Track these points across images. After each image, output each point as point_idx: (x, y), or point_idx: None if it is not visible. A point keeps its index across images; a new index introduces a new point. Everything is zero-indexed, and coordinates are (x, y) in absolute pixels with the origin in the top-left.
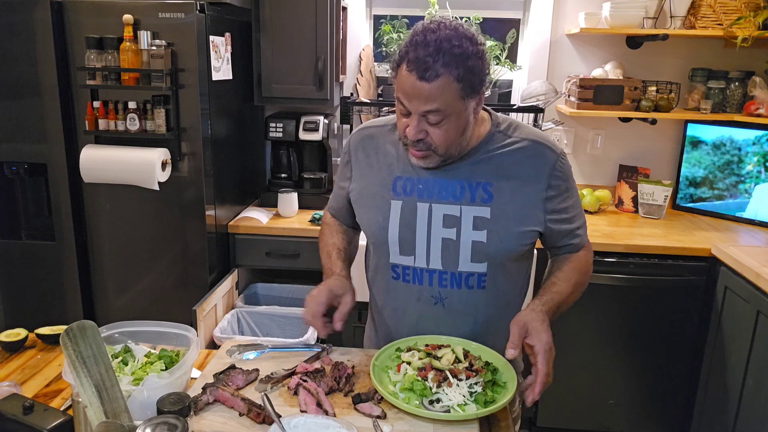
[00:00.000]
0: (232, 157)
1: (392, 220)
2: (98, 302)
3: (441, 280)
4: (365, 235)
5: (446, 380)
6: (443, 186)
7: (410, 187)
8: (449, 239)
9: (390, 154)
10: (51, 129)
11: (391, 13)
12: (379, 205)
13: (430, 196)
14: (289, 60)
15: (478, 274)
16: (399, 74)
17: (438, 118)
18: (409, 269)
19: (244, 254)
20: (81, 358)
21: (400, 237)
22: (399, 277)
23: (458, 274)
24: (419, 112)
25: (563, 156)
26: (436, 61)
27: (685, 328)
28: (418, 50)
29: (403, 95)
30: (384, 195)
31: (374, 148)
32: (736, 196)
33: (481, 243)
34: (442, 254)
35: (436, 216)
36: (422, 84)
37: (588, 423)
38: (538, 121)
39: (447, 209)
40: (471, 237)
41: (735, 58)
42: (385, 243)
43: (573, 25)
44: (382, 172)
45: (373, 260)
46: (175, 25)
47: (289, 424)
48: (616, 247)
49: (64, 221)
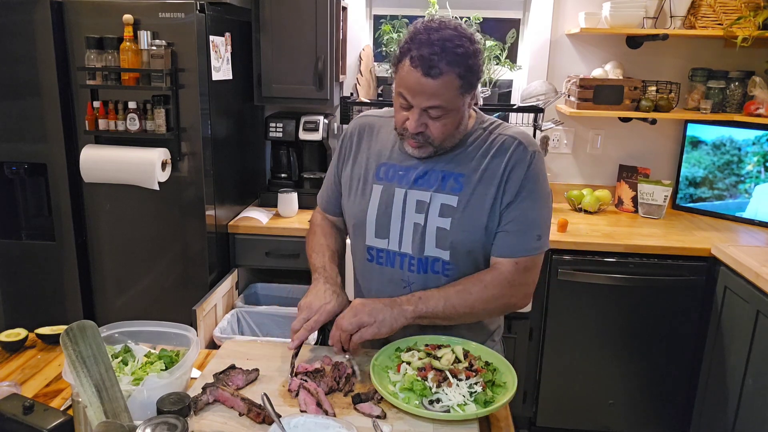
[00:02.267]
0: (232, 157)
1: (371, 203)
2: (98, 302)
3: (410, 265)
4: (346, 217)
5: (446, 380)
6: (422, 174)
7: (392, 173)
8: (418, 224)
9: (383, 141)
10: (51, 129)
11: (391, 13)
12: (362, 188)
13: (408, 183)
14: (289, 60)
15: (442, 260)
16: (401, 70)
17: (439, 113)
18: (383, 252)
19: (244, 254)
20: (81, 358)
21: (377, 220)
22: (373, 259)
23: (424, 258)
24: (421, 107)
25: (534, 155)
26: (441, 59)
27: (685, 328)
28: (422, 48)
29: (406, 90)
30: (368, 179)
31: (369, 136)
32: (736, 196)
33: (444, 230)
34: (413, 239)
35: (410, 201)
36: (427, 80)
37: (588, 423)
38: (538, 121)
39: (419, 195)
40: (436, 223)
41: (735, 58)
42: (363, 225)
43: (573, 25)
44: (371, 158)
45: (352, 243)
46: (175, 25)
47: (289, 424)
48: (616, 247)
49: (64, 221)
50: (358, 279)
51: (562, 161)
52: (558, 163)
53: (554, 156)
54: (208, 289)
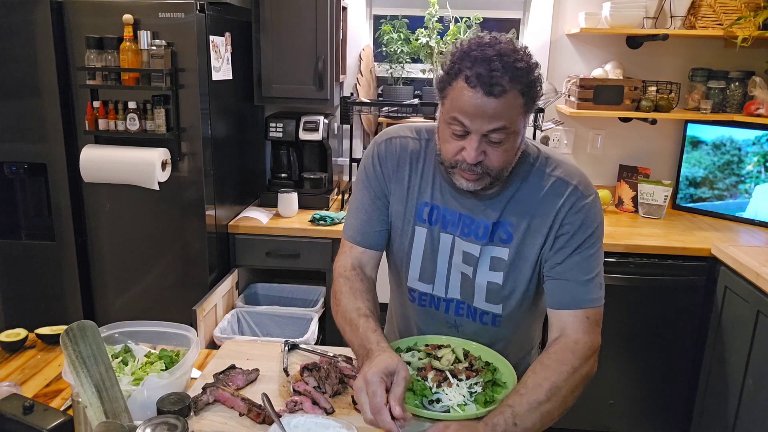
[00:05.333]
0: (232, 157)
1: (416, 247)
2: (98, 302)
3: (458, 309)
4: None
5: (446, 380)
6: (467, 222)
7: (436, 216)
8: (466, 275)
9: (424, 174)
10: (51, 129)
11: (391, 13)
12: (404, 229)
13: (455, 230)
14: (289, 60)
15: (492, 314)
16: (453, 93)
17: (501, 136)
18: (426, 296)
19: (244, 254)
20: (81, 358)
21: (422, 264)
22: (415, 300)
23: (473, 308)
24: (482, 132)
25: (589, 199)
26: (504, 76)
27: (685, 328)
28: (478, 65)
29: (462, 114)
30: (409, 218)
31: (403, 164)
32: (736, 196)
33: (496, 284)
34: (461, 287)
35: (457, 250)
36: (489, 100)
37: (588, 423)
38: (538, 121)
39: (467, 247)
40: (487, 278)
41: (735, 58)
42: (405, 267)
43: (573, 25)
44: (411, 193)
45: (392, 277)
46: (175, 25)
47: (289, 424)
48: (616, 247)
49: (64, 221)
50: (397, 307)
51: None
52: None
53: None
54: (208, 289)
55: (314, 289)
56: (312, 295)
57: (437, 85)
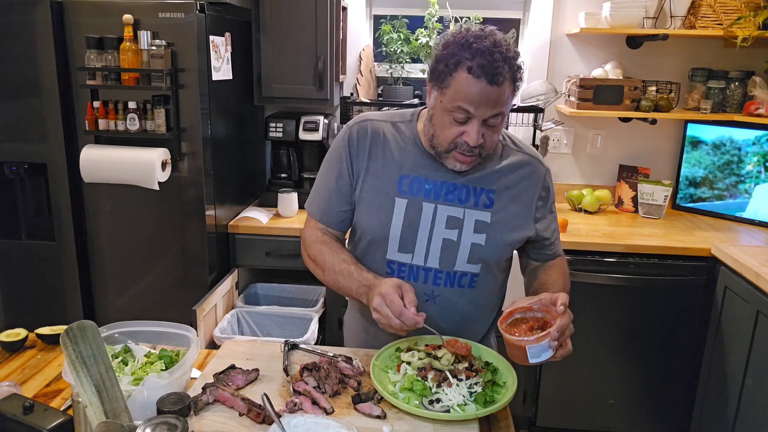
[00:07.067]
0: (232, 157)
1: (395, 218)
2: (98, 302)
3: (435, 278)
4: (361, 231)
5: (446, 380)
6: (450, 189)
7: (417, 187)
8: (450, 240)
9: (399, 150)
10: (51, 129)
11: (391, 13)
12: (382, 202)
13: (437, 197)
14: (289, 60)
15: (471, 274)
16: (456, 83)
17: (498, 120)
18: (405, 266)
19: (244, 254)
20: (81, 358)
21: (402, 235)
22: (393, 273)
23: (453, 273)
24: (484, 117)
25: (549, 172)
26: (504, 65)
27: (685, 328)
28: (480, 56)
29: (467, 102)
30: (389, 192)
31: (379, 144)
32: (736, 196)
33: (479, 245)
34: (441, 254)
35: (440, 217)
36: (492, 89)
37: (588, 423)
38: (538, 121)
39: (451, 211)
40: (471, 239)
41: (735, 58)
42: (383, 240)
43: (573, 25)
44: (388, 169)
45: (365, 256)
46: (175, 25)
47: (289, 424)
48: (616, 247)
49: (64, 221)
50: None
51: (562, 161)
52: (558, 163)
53: (554, 156)
54: (208, 289)
55: (314, 289)
56: (312, 295)
57: (432, 75)
